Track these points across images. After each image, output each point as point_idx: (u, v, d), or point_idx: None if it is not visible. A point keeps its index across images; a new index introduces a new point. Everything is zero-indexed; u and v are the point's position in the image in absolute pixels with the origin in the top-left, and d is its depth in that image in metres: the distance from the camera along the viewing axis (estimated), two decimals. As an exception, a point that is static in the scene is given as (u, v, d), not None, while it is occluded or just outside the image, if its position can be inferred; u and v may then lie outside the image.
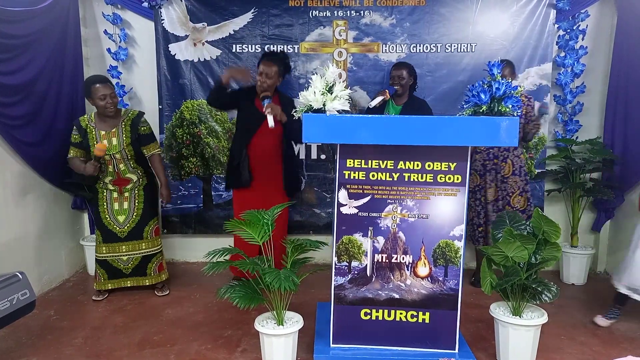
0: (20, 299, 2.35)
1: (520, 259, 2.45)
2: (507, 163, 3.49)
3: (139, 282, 3.45)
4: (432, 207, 2.47)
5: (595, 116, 3.97)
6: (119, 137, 3.26)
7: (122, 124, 3.29)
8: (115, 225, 3.35)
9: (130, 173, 3.35)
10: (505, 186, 3.50)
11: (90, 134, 3.25)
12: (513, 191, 3.49)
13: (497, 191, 3.52)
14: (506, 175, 3.50)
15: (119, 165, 3.30)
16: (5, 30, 3.01)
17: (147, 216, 3.41)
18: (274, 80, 3.30)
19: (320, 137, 2.45)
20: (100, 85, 3.18)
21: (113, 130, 3.26)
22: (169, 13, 3.88)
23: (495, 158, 3.51)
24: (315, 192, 4.07)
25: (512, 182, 3.49)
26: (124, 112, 3.35)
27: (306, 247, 2.55)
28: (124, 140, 3.26)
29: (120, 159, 3.29)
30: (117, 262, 3.38)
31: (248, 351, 2.70)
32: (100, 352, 2.69)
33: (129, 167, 3.33)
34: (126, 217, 3.37)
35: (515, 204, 3.50)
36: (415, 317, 2.52)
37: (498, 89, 2.34)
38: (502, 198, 3.51)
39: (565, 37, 3.84)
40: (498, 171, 3.51)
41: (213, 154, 4.03)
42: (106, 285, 3.40)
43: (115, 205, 3.36)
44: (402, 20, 3.86)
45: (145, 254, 3.42)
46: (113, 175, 3.33)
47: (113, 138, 3.25)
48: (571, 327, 3.02)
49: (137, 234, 3.38)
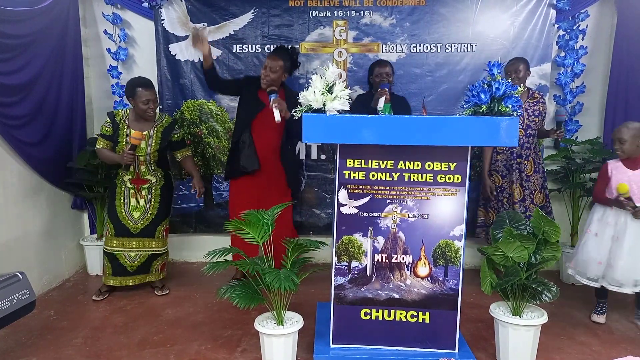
0: (20, 299, 2.35)
1: (520, 259, 2.45)
2: (529, 162, 3.54)
3: (141, 279, 3.45)
4: (432, 207, 2.47)
5: (595, 116, 3.97)
6: (148, 141, 3.28)
7: (154, 129, 3.30)
8: (130, 220, 3.35)
9: (149, 175, 3.36)
10: (529, 184, 3.56)
11: (121, 130, 3.26)
12: (535, 189, 3.56)
13: (522, 190, 3.56)
14: (529, 173, 3.55)
15: (140, 166, 3.32)
16: (5, 30, 3.01)
17: (161, 216, 3.42)
18: (278, 75, 3.30)
19: (320, 137, 2.45)
20: (145, 90, 3.19)
21: (145, 133, 3.27)
22: (169, 13, 3.88)
23: (519, 157, 3.55)
24: (315, 192, 4.06)
25: (534, 180, 3.56)
26: (159, 116, 3.38)
27: (306, 247, 2.55)
28: (152, 146, 3.29)
29: (142, 161, 3.31)
30: (124, 258, 3.37)
31: (248, 351, 2.70)
32: (100, 352, 2.69)
33: (149, 169, 3.35)
34: (141, 213, 3.37)
35: (537, 201, 3.57)
36: (415, 317, 2.52)
37: (498, 89, 2.34)
38: (527, 197, 3.56)
39: (565, 37, 3.84)
40: (522, 170, 3.55)
41: (214, 153, 4.03)
42: (108, 280, 3.40)
43: (132, 201, 3.37)
44: (402, 20, 3.86)
45: (153, 252, 3.43)
46: (133, 175, 3.33)
47: (143, 141, 3.26)
48: (571, 327, 3.02)
49: (150, 232, 3.39)
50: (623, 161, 3.00)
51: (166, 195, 3.46)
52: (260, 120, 3.39)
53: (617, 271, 2.88)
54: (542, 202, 3.60)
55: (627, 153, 2.93)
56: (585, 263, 3.03)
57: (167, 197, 3.47)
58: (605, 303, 3.12)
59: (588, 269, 3.02)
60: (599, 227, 3.02)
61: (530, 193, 3.56)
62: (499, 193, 3.61)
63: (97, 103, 4.11)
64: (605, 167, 3.06)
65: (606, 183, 3.03)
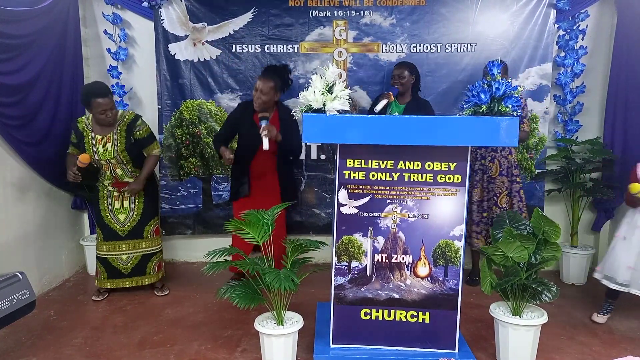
0: (20, 299, 2.35)
1: (520, 259, 2.45)
2: (494, 163, 3.50)
3: (138, 282, 3.44)
4: (432, 207, 2.47)
5: (595, 116, 3.97)
6: (114, 142, 3.23)
7: (117, 130, 3.25)
8: (116, 223, 3.36)
9: (128, 177, 3.34)
10: (493, 187, 3.50)
11: (86, 138, 3.24)
12: (500, 192, 3.50)
13: (483, 192, 3.53)
14: (493, 175, 3.50)
15: (115, 170, 3.30)
16: (5, 30, 3.00)
17: (147, 215, 3.41)
18: (270, 96, 3.26)
19: (320, 137, 2.45)
20: (100, 100, 3.09)
21: (108, 136, 3.23)
22: (168, 13, 3.88)
23: (483, 159, 3.52)
24: (315, 192, 4.06)
25: (500, 183, 3.50)
26: (120, 115, 3.28)
27: (306, 247, 2.55)
28: (118, 146, 3.23)
29: (116, 164, 3.28)
30: (117, 262, 3.37)
31: (248, 351, 2.70)
32: (100, 352, 2.69)
33: (126, 171, 3.33)
34: (127, 215, 3.37)
35: (503, 204, 3.50)
36: (415, 317, 2.52)
37: (498, 89, 2.35)
38: (489, 199, 3.52)
39: (565, 37, 3.84)
40: (485, 172, 3.52)
41: (213, 154, 4.02)
42: (105, 284, 3.41)
43: (115, 204, 3.36)
44: (402, 20, 3.86)
45: (145, 252, 3.42)
46: (111, 179, 3.33)
47: (108, 144, 3.23)
48: (571, 327, 3.02)
49: (138, 233, 3.38)
50: None
51: (150, 195, 3.43)
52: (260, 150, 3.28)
53: None
54: (509, 206, 3.49)
55: None
56: (614, 267, 2.92)
57: (151, 196, 3.44)
58: (613, 304, 3.06)
59: (618, 274, 2.89)
60: (628, 230, 2.93)
61: (494, 195, 3.49)
62: None
63: (97, 103, 4.10)
64: (634, 169, 2.97)
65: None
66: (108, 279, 3.40)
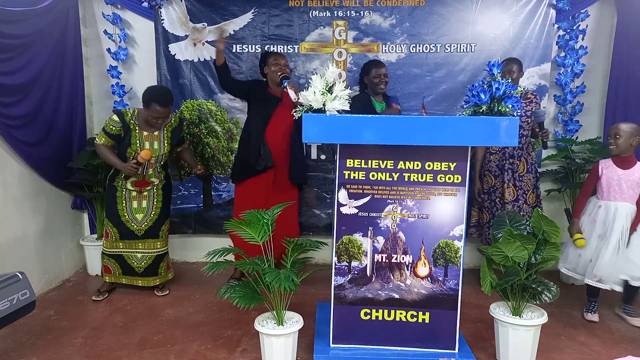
0: (20, 299, 2.35)
1: (520, 259, 2.45)
2: (521, 162, 3.54)
3: (149, 282, 3.43)
4: (432, 207, 2.47)
5: (595, 116, 3.97)
6: (160, 142, 3.28)
7: (164, 130, 3.29)
8: (134, 223, 3.35)
9: (154, 177, 3.36)
10: (522, 184, 3.55)
11: (133, 132, 3.22)
12: (528, 189, 3.55)
13: (515, 190, 3.55)
14: (522, 174, 3.54)
15: (148, 169, 3.31)
16: (5, 30, 3.00)
17: (163, 215, 3.42)
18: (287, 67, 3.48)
19: (320, 137, 2.44)
20: (160, 107, 3.11)
21: (156, 134, 3.26)
22: (169, 13, 3.88)
23: (512, 157, 3.55)
24: (315, 193, 4.07)
25: (527, 180, 3.55)
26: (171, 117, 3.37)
27: (306, 247, 2.55)
28: (164, 146, 3.29)
29: (152, 164, 3.30)
30: (131, 259, 3.38)
31: (248, 351, 2.70)
32: (100, 352, 2.69)
33: (155, 171, 3.35)
34: (144, 215, 3.36)
35: (530, 201, 3.56)
36: (415, 317, 2.52)
37: (498, 89, 2.34)
38: (520, 196, 3.55)
39: (565, 37, 3.84)
40: (515, 170, 3.54)
41: (213, 154, 4.03)
42: (120, 279, 3.41)
43: (134, 204, 3.35)
44: (401, 21, 3.86)
45: (159, 253, 3.42)
46: (138, 177, 3.31)
47: (155, 141, 3.26)
48: (571, 327, 3.02)
49: (154, 232, 3.39)
50: (614, 160, 3.01)
51: (167, 195, 3.46)
52: (274, 117, 3.42)
53: (600, 268, 2.92)
54: (534, 202, 3.59)
55: (620, 149, 2.94)
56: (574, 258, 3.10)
57: (168, 196, 3.47)
58: (596, 302, 3.13)
59: (578, 266, 3.07)
60: (587, 225, 3.07)
61: (524, 193, 3.54)
62: (491, 193, 3.61)
63: (97, 103, 4.11)
64: (596, 166, 3.09)
65: (595, 181, 3.07)
66: (123, 275, 3.40)
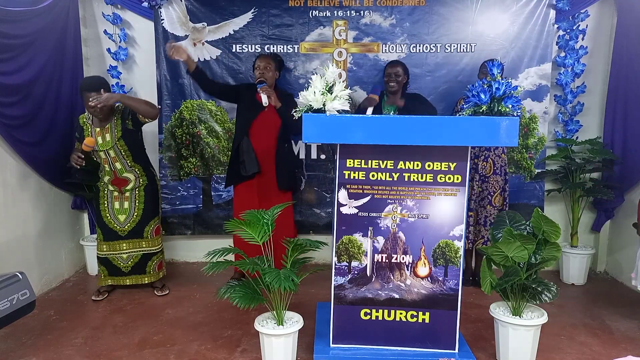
0: (20, 299, 2.35)
1: (520, 259, 2.45)
2: (488, 162, 3.49)
3: (137, 280, 3.45)
4: (432, 207, 2.47)
5: (595, 116, 3.97)
6: (112, 132, 3.26)
7: (114, 120, 3.29)
8: (116, 224, 3.36)
9: (127, 172, 3.34)
10: (487, 185, 3.50)
11: (86, 131, 3.28)
12: (494, 190, 3.50)
13: (471, 191, 3.51)
14: (487, 174, 3.50)
15: (114, 164, 3.30)
16: (5, 30, 3.00)
17: (148, 216, 3.41)
18: (272, 74, 3.44)
19: (320, 137, 2.45)
20: (88, 93, 3.14)
21: (106, 127, 3.27)
22: (168, 13, 3.88)
23: (476, 158, 3.51)
24: (315, 192, 4.06)
25: (494, 182, 3.50)
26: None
27: (306, 247, 2.55)
28: (115, 135, 3.25)
29: (115, 157, 3.28)
30: (117, 261, 3.38)
31: (248, 351, 2.70)
32: (100, 352, 2.69)
33: (125, 166, 3.33)
34: (127, 216, 3.37)
35: (496, 203, 3.51)
36: (415, 317, 2.52)
37: (498, 89, 2.34)
38: (482, 198, 3.52)
39: (565, 37, 3.84)
40: (478, 170, 3.51)
41: (213, 154, 4.03)
42: (106, 281, 3.42)
43: (116, 205, 3.37)
44: (402, 20, 3.86)
45: (146, 252, 3.42)
46: (110, 175, 3.33)
47: (106, 134, 3.26)
48: (571, 327, 3.02)
49: (138, 233, 3.39)
50: None
51: (151, 195, 3.43)
52: (259, 122, 3.43)
53: None
54: (502, 206, 3.52)
55: None
56: None
57: (152, 196, 3.43)
58: None
59: None
60: None
61: (488, 194, 3.49)
62: None
63: (97, 103, 4.11)
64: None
65: None
66: (109, 276, 3.42)
